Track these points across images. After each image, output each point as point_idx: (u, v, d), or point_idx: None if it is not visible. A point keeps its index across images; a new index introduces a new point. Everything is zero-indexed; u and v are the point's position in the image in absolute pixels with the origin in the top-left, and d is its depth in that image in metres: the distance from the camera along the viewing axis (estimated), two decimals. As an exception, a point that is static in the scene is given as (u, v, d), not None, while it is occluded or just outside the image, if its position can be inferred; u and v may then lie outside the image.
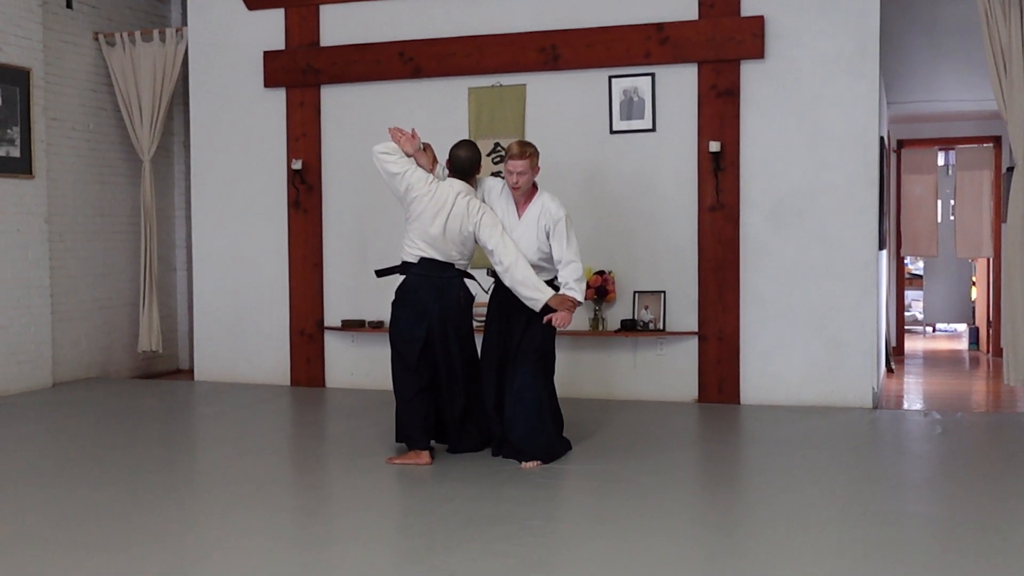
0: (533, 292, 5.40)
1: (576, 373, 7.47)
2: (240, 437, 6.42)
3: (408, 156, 5.58)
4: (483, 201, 5.62)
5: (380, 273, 5.80)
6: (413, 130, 5.67)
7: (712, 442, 6.34)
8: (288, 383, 8.36)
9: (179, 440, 6.62)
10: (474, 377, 5.67)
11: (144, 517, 4.53)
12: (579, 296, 5.47)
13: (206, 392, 8.13)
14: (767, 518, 4.55)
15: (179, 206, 9.65)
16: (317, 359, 8.30)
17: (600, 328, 7.53)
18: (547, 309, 5.40)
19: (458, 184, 5.54)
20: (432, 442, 5.62)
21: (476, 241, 5.55)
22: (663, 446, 5.99)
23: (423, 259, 5.52)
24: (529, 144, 5.54)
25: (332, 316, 8.26)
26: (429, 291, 5.50)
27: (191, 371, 9.10)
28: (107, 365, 8.94)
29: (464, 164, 5.58)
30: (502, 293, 5.60)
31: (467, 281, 5.66)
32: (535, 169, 5.52)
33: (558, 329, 5.52)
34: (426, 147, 5.66)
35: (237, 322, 8.54)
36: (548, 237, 5.49)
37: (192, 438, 6.74)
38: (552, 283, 5.53)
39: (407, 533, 4.43)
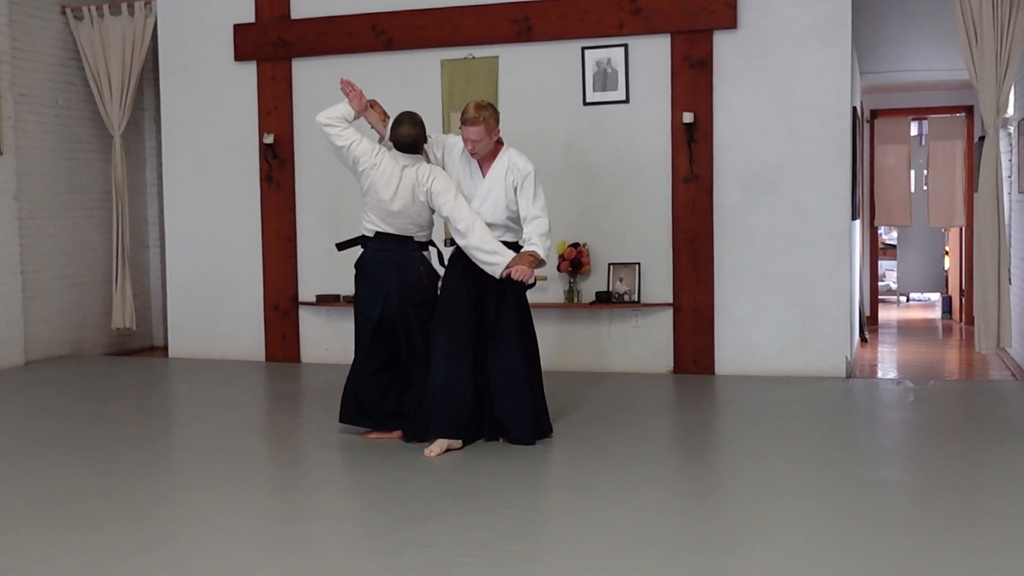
0: (491, 256, 5.10)
1: (551, 346, 7.46)
2: (215, 414, 6.39)
3: (356, 115, 5.38)
4: (443, 159, 5.38)
5: (341, 246, 5.67)
6: (360, 90, 5.43)
7: (688, 413, 6.37)
8: (263, 359, 8.33)
9: (154, 417, 6.58)
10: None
11: (119, 494, 4.52)
12: (541, 251, 5.13)
13: (180, 369, 8.09)
14: (743, 486, 4.58)
15: (151, 182, 9.57)
16: (292, 334, 8.27)
17: (575, 300, 7.53)
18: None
19: (403, 157, 5.29)
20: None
21: (431, 209, 5.34)
22: (639, 417, 6.01)
23: (379, 234, 5.35)
24: (484, 107, 5.14)
25: (307, 291, 8.22)
26: (387, 266, 5.31)
27: (165, 348, 9.04)
28: (80, 343, 8.88)
29: (406, 143, 5.26)
30: (466, 258, 5.25)
31: (431, 252, 5.45)
32: (494, 132, 5.18)
33: (527, 285, 5.20)
34: (373, 104, 5.48)
35: (211, 298, 8.50)
36: (516, 193, 5.22)
37: (167, 415, 6.71)
38: (518, 245, 5.29)
39: (382, 507, 4.42)
